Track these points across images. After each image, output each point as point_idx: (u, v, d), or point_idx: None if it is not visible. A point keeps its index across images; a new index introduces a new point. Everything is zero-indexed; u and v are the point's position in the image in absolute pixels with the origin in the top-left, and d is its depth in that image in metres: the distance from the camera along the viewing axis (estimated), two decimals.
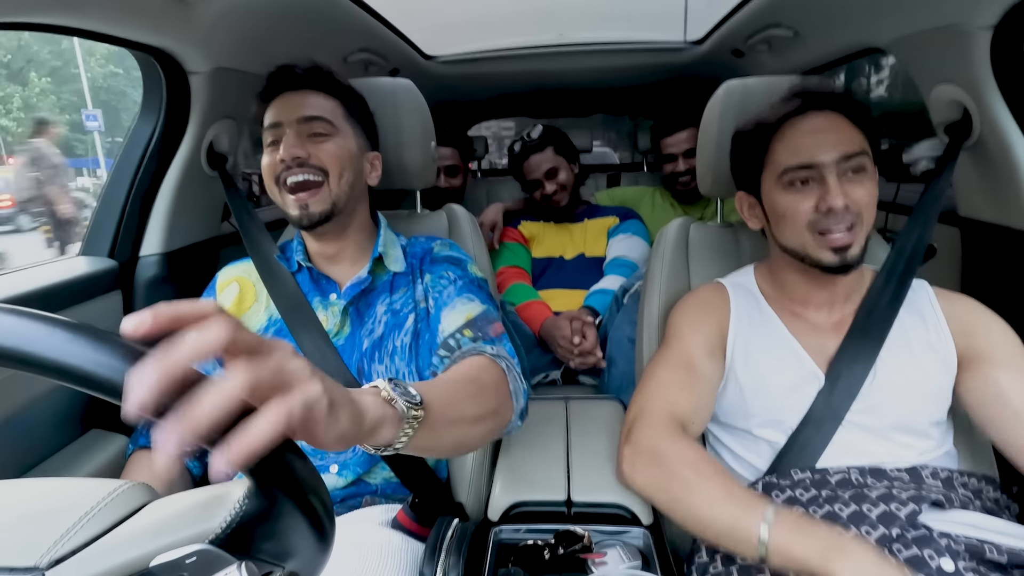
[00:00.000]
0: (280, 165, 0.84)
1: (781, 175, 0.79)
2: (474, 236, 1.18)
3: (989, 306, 0.85)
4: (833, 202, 0.74)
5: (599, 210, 1.86)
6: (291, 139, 0.84)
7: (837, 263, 0.77)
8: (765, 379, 0.84)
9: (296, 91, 0.88)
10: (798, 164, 0.77)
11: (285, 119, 0.86)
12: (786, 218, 0.80)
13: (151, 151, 1.14)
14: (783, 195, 0.80)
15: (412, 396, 0.52)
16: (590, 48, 2.06)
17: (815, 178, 0.77)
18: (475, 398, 0.67)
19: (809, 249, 0.79)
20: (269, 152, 0.87)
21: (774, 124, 0.81)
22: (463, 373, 0.71)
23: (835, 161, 0.75)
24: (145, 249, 1.17)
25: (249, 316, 0.92)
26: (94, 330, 0.32)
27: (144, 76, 1.12)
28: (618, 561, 0.78)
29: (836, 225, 0.76)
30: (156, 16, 0.93)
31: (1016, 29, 0.93)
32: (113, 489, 0.37)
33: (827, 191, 0.75)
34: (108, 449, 1.01)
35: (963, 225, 1.18)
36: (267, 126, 0.87)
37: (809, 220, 0.78)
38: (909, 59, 1.17)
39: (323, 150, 0.85)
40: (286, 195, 0.85)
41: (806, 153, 0.77)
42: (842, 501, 0.71)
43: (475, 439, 0.69)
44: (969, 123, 1.04)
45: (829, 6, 1.27)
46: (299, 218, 0.86)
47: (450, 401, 0.61)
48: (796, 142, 0.78)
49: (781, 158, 0.79)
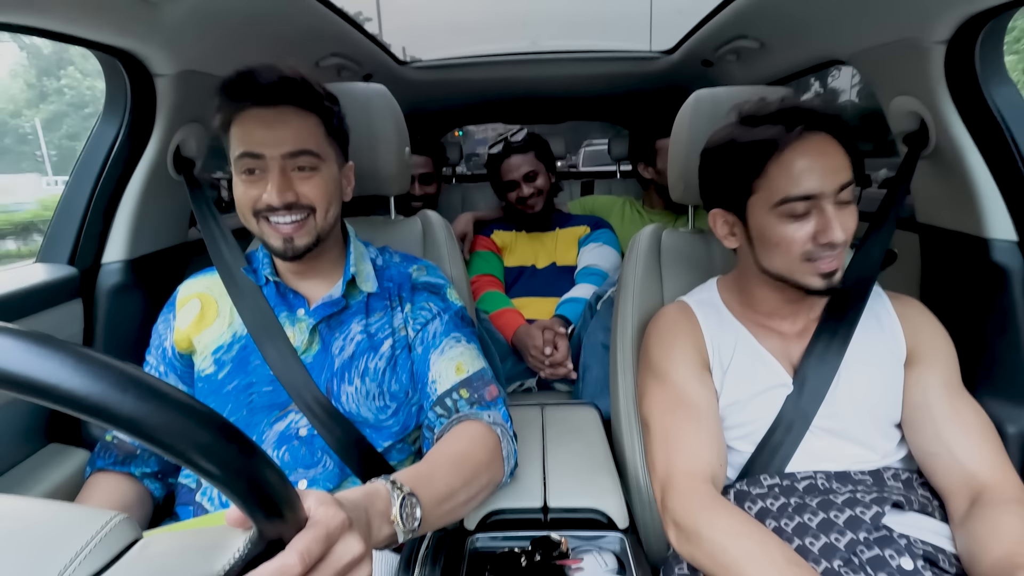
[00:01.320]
0: (263, 204, 0.79)
1: (778, 204, 0.75)
2: (448, 243, 1.17)
3: (946, 308, 0.88)
4: (834, 236, 0.73)
5: (571, 219, 1.88)
6: (279, 180, 0.78)
7: (824, 287, 0.77)
8: (738, 390, 0.85)
9: (270, 107, 0.79)
10: (800, 195, 0.74)
11: (268, 152, 0.78)
12: (780, 247, 0.77)
13: (114, 155, 1.10)
14: (778, 224, 0.77)
15: (416, 519, 0.60)
16: (563, 56, 2.09)
17: (813, 208, 0.75)
18: (470, 483, 0.73)
19: (797, 275, 0.78)
20: (246, 182, 0.80)
21: (771, 147, 0.75)
22: (461, 452, 0.76)
23: (834, 192, 0.74)
24: (108, 256, 1.13)
25: (211, 332, 0.89)
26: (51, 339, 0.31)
27: (107, 78, 1.08)
28: (595, 567, 0.79)
29: (827, 256, 0.76)
30: (120, 17, 0.90)
31: (968, 44, 0.98)
32: (105, 523, 0.35)
33: (827, 224, 0.73)
34: (68, 464, 0.97)
35: (922, 231, 1.23)
36: (243, 153, 0.79)
37: (804, 251, 0.76)
38: (869, 71, 1.21)
39: (311, 187, 0.81)
40: (266, 227, 0.81)
41: (808, 183, 0.73)
42: (811, 510, 0.73)
43: (465, 512, 0.77)
44: (926, 133, 1.09)
45: (793, 20, 1.31)
46: (283, 251, 0.82)
47: (447, 495, 0.68)
48: (796, 169, 0.74)
49: (780, 185, 0.75)
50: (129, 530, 0.36)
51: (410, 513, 0.60)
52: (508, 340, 1.55)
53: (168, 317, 0.93)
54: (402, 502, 0.59)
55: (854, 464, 0.80)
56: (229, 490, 0.34)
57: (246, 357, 0.86)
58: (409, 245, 1.16)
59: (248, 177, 0.80)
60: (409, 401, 0.89)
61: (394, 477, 0.62)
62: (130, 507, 0.83)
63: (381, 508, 0.57)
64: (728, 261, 1.08)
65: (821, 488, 0.76)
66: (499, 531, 0.84)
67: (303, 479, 0.81)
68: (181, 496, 0.85)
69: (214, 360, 0.87)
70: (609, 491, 0.90)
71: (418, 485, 0.64)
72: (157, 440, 0.31)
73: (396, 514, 0.58)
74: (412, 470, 0.68)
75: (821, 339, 0.84)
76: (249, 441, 0.36)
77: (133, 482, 0.86)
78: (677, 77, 2.06)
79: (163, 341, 0.91)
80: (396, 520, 0.58)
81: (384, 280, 0.93)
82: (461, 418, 0.82)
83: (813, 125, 0.75)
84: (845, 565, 0.67)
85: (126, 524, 0.36)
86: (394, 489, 0.60)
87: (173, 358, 0.90)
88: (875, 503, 0.71)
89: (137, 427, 0.30)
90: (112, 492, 0.83)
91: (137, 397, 0.30)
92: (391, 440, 0.86)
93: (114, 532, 0.35)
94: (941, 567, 0.67)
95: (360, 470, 0.82)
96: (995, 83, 1.01)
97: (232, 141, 0.80)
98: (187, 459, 0.32)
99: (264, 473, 0.36)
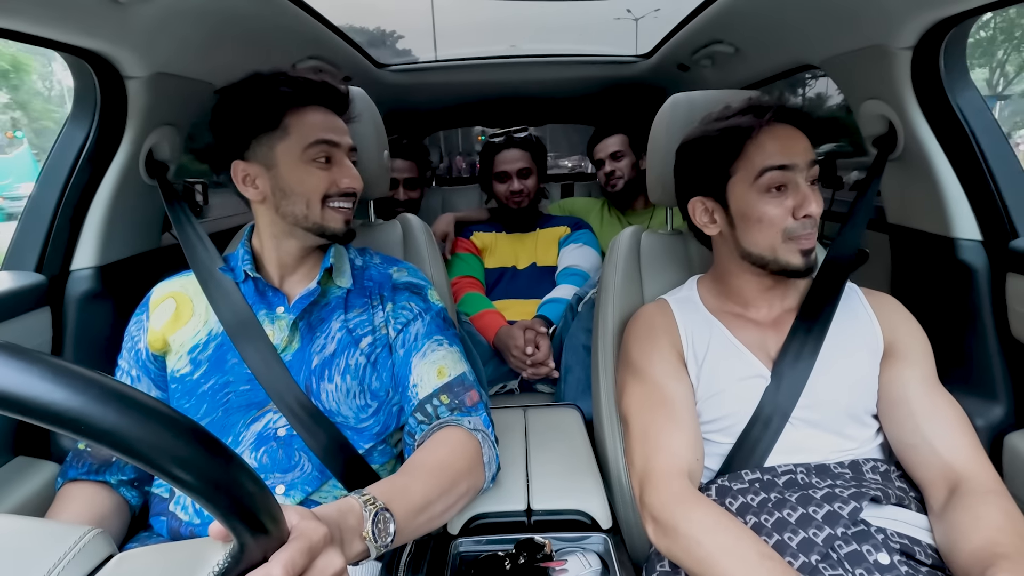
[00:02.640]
0: (334, 187, 0.86)
1: (758, 176, 0.82)
2: (429, 246, 1.17)
3: (915, 305, 0.91)
4: (810, 209, 0.80)
5: (551, 219, 1.89)
6: (349, 168, 0.88)
7: (804, 266, 0.83)
8: (715, 383, 0.86)
9: (330, 110, 0.88)
10: (776, 164, 0.81)
11: (341, 141, 0.87)
12: (762, 223, 0.83)
13: (83, 158, 1.07)
14: (759, 200, 0.82)
15: (389, 534, 0.61)
16: (542, 60, 2.10)
17: (790, 183, 0.81)
18: (448, 492, 0.73)
19: (780, 253, 0.83)
20: (319, 168, 0.86)
21: (746, 130, 0.83)
22: (440, 460, 0.75)
23: (806, 165, 0.82)
24: (77, 262, 1.10)
25: (186, 331, 0.88)
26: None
27: (75, 79, 1.05)
28: (579, 567, 0.79)
29: (805, 232, 0.82)
30: (88, 18, 0.88)
31: (933, 49, 1.01)
32: (79, 539, 0.34)
33: (804, 197, 0.81)
34: (37, 477, 0.94)
35: (891, 231, 1.26)
36: (319, 140, 0.85)
37: (786, 227, 0.82)
38: (839, 76, 1.24)
39: (357, 178, 0.90)
40: (329, 211, 0.87)
41: (783, 155, 0.81)
42: (790, 506, 0.74)
43: (443, 521, 0.76)
44: (894, 136, 1.12)
45: (767, 26, 1.34)
46: (344, 232, 0.88)
47: (423, 506, 0.68)
48: (772, 145, 0.82)
49: (758, 160, 0.82)
50: (104, 545, 0.35)
51: (383, 528, 0.60)
52: (490, 342, 1.54)
53: (141, 318, 0.91)
54: (375, 518, 0.59)
55: (832, 454, 0.82)
56: (212, 505, 0.33)
57: (223, 356, 0.85)
58: (389, 249, 1.15)
59: (323, 164, 0.86)
60: (390, 401, 0.88)
61: (369, 491, 0.63)
62: (107, 518, 0.80)
63: (353, 524, 0.58)
64: (706, 261, 1.10)
65: (801, 483, 0.78)
66: (483, 535, 0.84)
67: (280, 484, 0.80)
68: (155, 506, 0.83)
69: (190, 360, 0.86)
70: (592, 492, 0.90)
71: (393, 498, 0.64)
72: (137, 453, 0.30)
73: (368, 530, 0.58)
74: (388, 482, 0.69)
75: (798, 334, 0.86)
76: (233, 454, 0.35)
77: (109, 491, 0.83)
78: (653, 81, 2.09)
79: (136, 343, 0.89)
80: (368, 536, 0.58)
81: (364, 279, 0.93)
82: (441, 425, 0.82)
83: (780, 116, 0.84)
84: (823, 560, 0.68)
85: (100, 539, 0.35)
86: (367, 505, 0.60)
87: (147, 360, 0.88)
88: (853, 498, 0.72)
89: (117, 440, 0.30)
90: (87, 503, 0.80)
91: (118, 410, 0.30)
92: (372, 442, 0.85)
93: (88, 548, 0.34)
94: (918, 559, 0.69)
95: (341, 472, 0.81)
96: (959, 88, 1.05)
97: (301, 131, 0.84)
98: (169, 473, 0.31)
99: (248, 487, 0.35)
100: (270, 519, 0.38)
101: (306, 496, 0.80)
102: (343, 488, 0.82)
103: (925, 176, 1.10)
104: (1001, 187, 1.04)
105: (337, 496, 0.82)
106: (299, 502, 0.79)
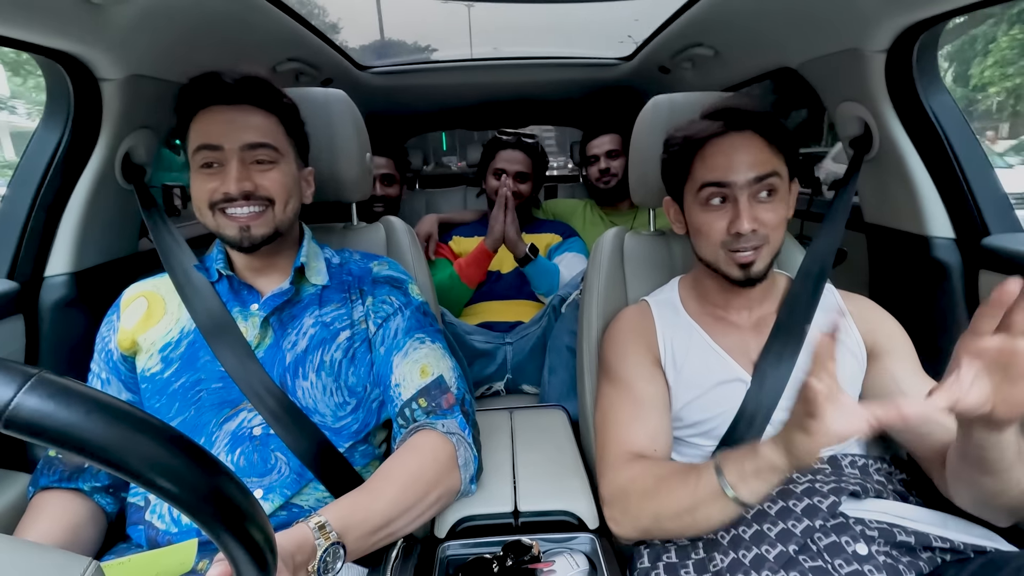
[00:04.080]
0: (220, 195, 0.80)
1: (699, 190, 0.84)
2: (413, 249, 1.16)
3: (892, 304, 0.93)
4: (741, 227, 0.80)
5: (541, 225, 1.88)
6: (236, 170, 0.79)
7: (742, 278, 0.84)
8: (692, 386, 0.87)
9: (231, 105, 0.82)
10: (713, 181, 0.82)
11: (227, 144, 0.80)
12: (701, 234, 0.86)
13: (57, 162, 1.05)
14: (700, 212, 0.85)
15: (334, 570, 0.62)
16: (523, 62, 2.11)
17: (729, 198, 0.82)
18: (415, 505, 0.74)
19: (720, 264, 0.85)
20: (204, 175, 0.81)
21: (697, 142, 0.85)
22: (410, 470, 0.76)
23: (747, 183, 0.80)
24: (51, 268, 1.08)
25: (158, 330, 0.86)
26: None
27: (48, 82, 1.03)
28: (566, 568, 0.79)
29: (743, 246, 0.81)
30: (61, 19, 0.86)
31: (906, 53, 1.03)
32: (82, 572, 0.34)
33: (737, 215, 0.80)
34: (9, 490, 0.91)
35: (868, 230, 1.29)
36: (200, 146, 0.80)
37: (721, 240, 0.83)
38: (816, 79, 1.26)
39: (270, 179, 0.82)
40: (222, 218, 0.81)
41: (721, 172, 0.81)
42: (770, 499, 0.75)
43: (410, 531, 0.77)
44: (870, 137, 1.14)
45: (745, 29, 1.36)
46: (239, 240, 0.82)
47: (384, 523, 0.70)
48: (713, 161, 0.83)
49: (700, 174, 0.84)
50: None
51: (330, 563, 0.62)
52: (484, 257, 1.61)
53: (112, 319, 0.89)
54: (324, 554, 0.61)
55: None
56: (228, 552, 0.35)
57: (195, 353, 0.84)
58: (372, 252, 1.14)
59: (206, 171, 0.81)
60: (368, 397, 0.87)
61: (326, 516, 0.64)
62: (81, 527, 0.78)
63: (303, 561, 0.59)
64: (689, 261, 1.11)
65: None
66: (470, 538, 0.84)
67: (258, 487, 0.78)
68: (131, 515, 0.81)
69: (161, 358, 0.84)
70: (578, 493, 0.90)
71: (351, 525, 0.66)
72: (146, 480, 0.31)
73: (315, 567, 0.60)
74: (351, 502, 0.70)
75: (779, 335, 0.87)
76: (250, 496, 0.37)
77: (83, 499, 0.81)
78: (634, 83, 2.11)
79: (107, 344, 0.88)
80: (312, 572, 0.60)
81: (343, 274, 0.92)
82: (416, 429, 0.82)
83: (736, 124, 0.82)
84: (801, 552, 0.70)
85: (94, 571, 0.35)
86: (320, 535, 0.62)
87: (118, 361, 0.87)
88: (832, 492, 0.73)
89: (109, 457, 0.30)
90: (60, 512, 0.78)
91: (140, 441, 0.31)
92: (351, 440, 0.84)
93: None
94: (898, 541, 0.70)
95: (321, 472, 0.80)
96: (931, 90, 1.07)
97: (191, 138, 0.82)
98: (186, 508, 0.33)
99: (266, 532, 0.37)
100: (272, 557, 0.39)
101: (286, 500, 0.79)
102: (324, 490, 0.81)
103: (900, 176, 1.13)
104: (972, 186, 1.06)
105: (319, 498, 0.81)
106: (279, 506, 0.78)
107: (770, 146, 0.82)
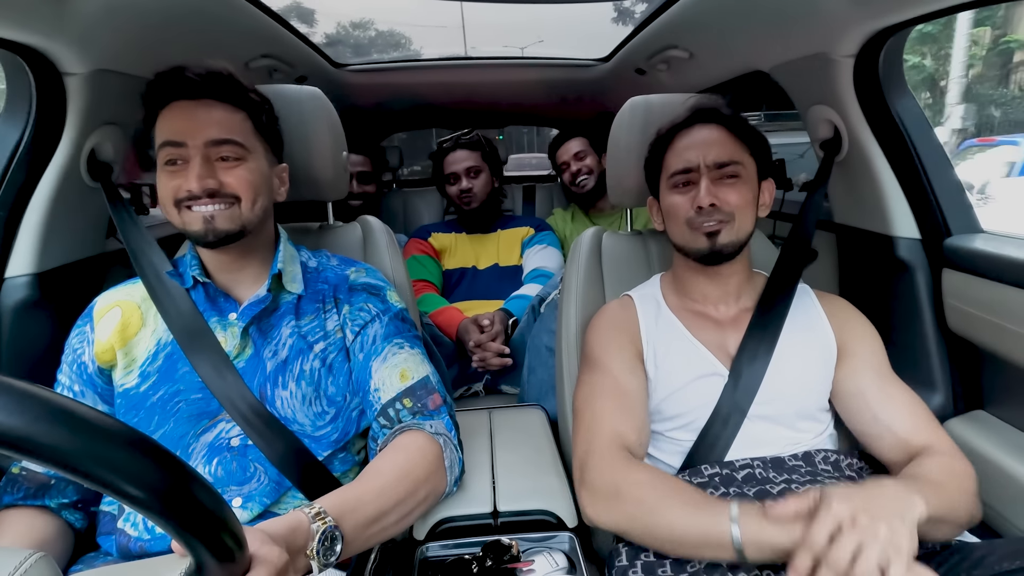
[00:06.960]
0: (184, 192, 0.77)
1: (669, 178, 0.92)
2: (390, 248, 1.15)
3: (860, 300, 0.96)
4: (701, 200, 0.86)
5: (513, 219, 1.89)
6: (200, 167, 0.77)
7: (708, 248, 0.88)
8: (671, 380, 0.89)
9: (195, 100, 0.79)
10: (680, 168, 0.90)
11: (190, 140, 0.78)
12: (671, 215, 0.92)
13: (18, 159, 1.01)
14: (671, 195, 0.92)
15: (335, 552, 0.61)
16: (500, 62, 2.11)
17: (694, 181, 0.89)
18: (404, 501, 0.72)
19: (688, 240, 0.90)
20: (168, 172, 0.79)
21: (667, 135, 0.94)
22: (399, 468, 0.75)
23: (710, 166, 0.88)
24: (12, 269, 1.03)
25: (136, 343, 0.84)
26: None
27: (8, 75, 0.99)
28: (546, 567, 0.79)
29: (706, 219, 0.87)
30: (22, 10, 0.83)
31: (873, 58, 1.06)
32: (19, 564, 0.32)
33: (699, 191, 0.87)
34: None
35: (838, 231, 1.32)
36: (165, 142, 0.78)
37: (687, 217, 0.89)
38: (788, 82, 1.29)
39: (235, 176, 0.80)
40: (187, 215, 0.79)
41: (685, 159, 0.90)
42: (748, 499, 0.76)
43: (399, 530, 0.75)
44: (839, 140, 1.17)
45: (719, 33, 1.38)
46: (204, 234, 0.79)
47: (376, 517, 0.68)
48: (681, 151, 0.91)
49: (670, 163, 0.92)
50: (47, 570, 0.33)
51: (329, 547, 0.60)
52: (451, 337, 1.55)
53: (84, 329, 0.86)
54: (322, 536, 0.59)
55: (788, 447, 0.85)
56: (179, 534, 0.32)
57: (173, 365, 0.82)
58: (349, 251, 1.13)
59: (170, 167, 0.79)
60: (348, 406, 0.86)
61: (321, 504, 0.63)
62: (48, 543, 0.75)
63: (300, 543, 0.58)
64: (666, 261, 1.12)
65: (759, 477, 0.81)
66: (449, 539, 0.83)
67: (237, 496, 0.77)
68: (103, 525, 0.79)
69: (139, 373, 0.82)
70: (557, 491, 0.91)
71: (345, 513, 0.64)
72: (89, 474, 0.29)
73: (313, 549, 0.58)
74: (343, 493, 0.68)
75: (755, 331, 0.89)
76: (205, 482, 0.35)
77: (49, 516, 0.78)
78: (610, 84, 2.13)
79: (79, 356, 0.84)
80: (312, 555, 0.58)
81: (318, 282, 0.91)
82: (403, 429, 0.81)
83: (703, 119, 0.92)
84: None
85: (43, 564, 0.33)
86: (316, 521, 0.60)
87: (93, 374, 0.84)
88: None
89: (64, 461, 0.28)
90: (25, 530, 0.75)
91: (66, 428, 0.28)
92: (331, 449, 0.83)
93: (30, 574, 0.32)
94: None
95: (300, 480, 0.79)
96: (897, 94, 1.11)
97: (156, 134, 0.80)
98: (136, 501, 0.31)
99: (225, 515, 0.35)
100: (237, 546, 0.37)
101: (264, 508, 0.77)
102: (303, 498, 0.80)
103: (868, 178, 1.16)
104: (936, 189, 1.10)
105: (298, 506, 0.80)
106: (258, 515, 0.77)
107: (735, 139, 0.90)
